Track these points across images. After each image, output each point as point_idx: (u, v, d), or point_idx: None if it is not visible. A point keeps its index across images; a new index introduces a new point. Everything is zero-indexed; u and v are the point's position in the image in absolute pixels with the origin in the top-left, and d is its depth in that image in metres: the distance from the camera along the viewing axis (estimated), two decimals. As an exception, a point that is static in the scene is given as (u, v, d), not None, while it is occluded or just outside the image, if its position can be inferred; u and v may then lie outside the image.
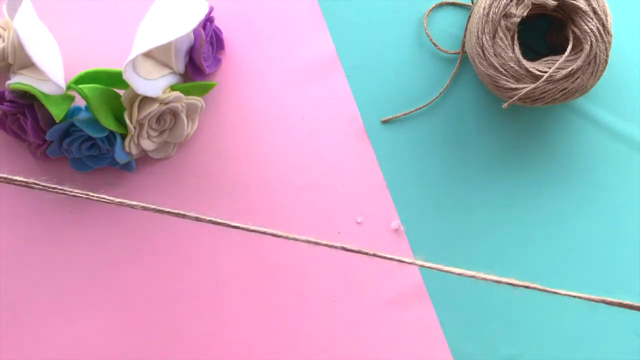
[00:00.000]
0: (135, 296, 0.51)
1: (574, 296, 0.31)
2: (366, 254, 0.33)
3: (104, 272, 0.51)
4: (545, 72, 0.46)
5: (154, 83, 0.46)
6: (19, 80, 0.46)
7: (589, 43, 0.45)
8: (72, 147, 0.48)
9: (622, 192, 0.50)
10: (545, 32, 0.50)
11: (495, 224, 0.50)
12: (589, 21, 0.45)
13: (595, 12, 0.45)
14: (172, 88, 0.48)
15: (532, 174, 0.51)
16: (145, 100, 0.46)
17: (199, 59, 0.49)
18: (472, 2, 0.51)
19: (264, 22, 0.52)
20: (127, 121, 0.46)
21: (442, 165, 0.51)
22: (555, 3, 0.46)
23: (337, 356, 0.50)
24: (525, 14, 0.46)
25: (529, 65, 0.46)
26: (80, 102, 0.48)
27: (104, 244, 0.51)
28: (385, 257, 0.33)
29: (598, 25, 0.45)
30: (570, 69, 0.45)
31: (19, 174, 0.51)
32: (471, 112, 0.51)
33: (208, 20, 0.49)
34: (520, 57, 0.46)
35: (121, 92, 0.47)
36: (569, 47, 0.46)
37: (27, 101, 0.46)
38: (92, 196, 0.32)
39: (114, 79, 0.47)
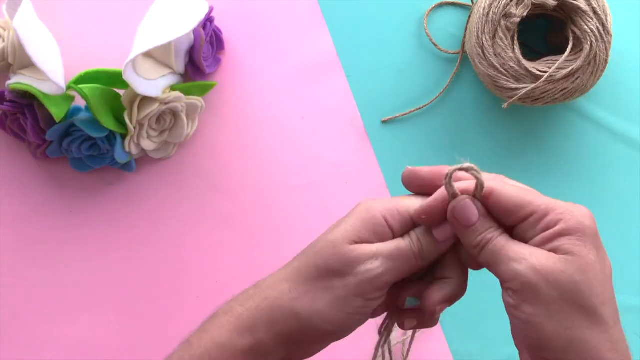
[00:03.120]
0: (135, 296, 0.51)
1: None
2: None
3: (103, 272, 0.51)
4: (545, 72, 0.46)
5: (154, 83, 0.46)
6: (19, 80, 0.46)
7: (589, 43, 0.45)
8: (72, 147, 0.48)
9: (622, 192, 0.50)
10: (545, 32, 0.50)
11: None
12: (589, 21, 0.45)
13: (595, 12, 0.45)
14: (172, 88, 0.48)
15: (532, 173, 0.51)
16: (145, 100, 0.46)
17: (199, 59, 0.49)
18: (472, 2, 0.51)
19: (264, 22, 0.52)
20: (127, 121, 0.46)
21: (442, 164, 0.51)
22: (555, 3, 0.46)
23: (338, 356, 0.50)
24: (525, 14, 0.46)
25: (529, 65, 0.46)
26: (80, 102, 0.48)
27: (104, 244, 0.51)
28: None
29: (598, 25, 0.45)
30: (570, 69, 0.45)
31: (19, 174, 0.51)
32: (471, 112, 0.51)
33: (208, 20, 0.49)
34: (520, 57, 0.46)
35: (121, 92, 0.47)
36: (569, 47, 0.46)
37: (27, 101, 0.46)
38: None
39: (114, 79, 0.47)
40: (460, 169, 0.29)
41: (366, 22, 0.52)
